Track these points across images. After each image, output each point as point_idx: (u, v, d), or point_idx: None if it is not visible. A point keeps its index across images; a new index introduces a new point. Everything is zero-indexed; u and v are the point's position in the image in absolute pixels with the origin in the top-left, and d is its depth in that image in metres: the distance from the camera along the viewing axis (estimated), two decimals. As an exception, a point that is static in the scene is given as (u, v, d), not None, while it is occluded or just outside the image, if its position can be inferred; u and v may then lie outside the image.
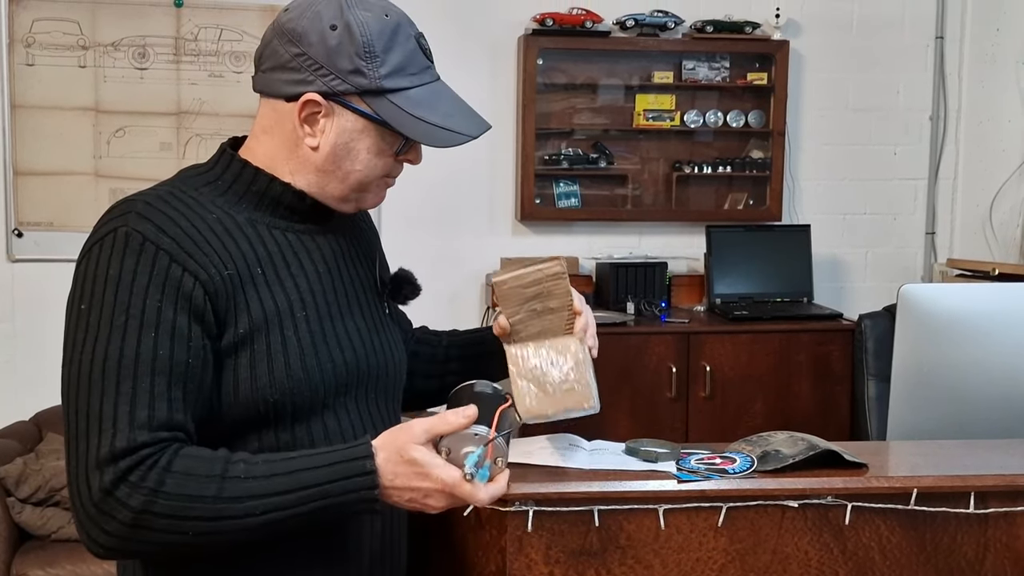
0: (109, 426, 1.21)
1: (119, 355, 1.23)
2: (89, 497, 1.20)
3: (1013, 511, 1.51)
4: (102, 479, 1.20)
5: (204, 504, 1.21)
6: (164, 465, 1.21)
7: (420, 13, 1.57)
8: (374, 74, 1.33)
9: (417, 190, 4.34)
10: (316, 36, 1.33)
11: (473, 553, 1.47)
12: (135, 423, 1.21)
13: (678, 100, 4.42)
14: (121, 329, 1.24)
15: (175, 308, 1.26)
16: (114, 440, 1.20)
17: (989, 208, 4.44)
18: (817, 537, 1.47)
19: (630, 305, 4.19)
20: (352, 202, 1.42)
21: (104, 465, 1.20)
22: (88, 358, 1.24)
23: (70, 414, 1.25)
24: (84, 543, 1.25)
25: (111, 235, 1.28)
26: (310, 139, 1.36)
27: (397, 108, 1.34)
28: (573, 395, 1.38)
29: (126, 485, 1.19)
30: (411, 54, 1.37)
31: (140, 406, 1.22)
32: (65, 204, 4.02)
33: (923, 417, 1.91)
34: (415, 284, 1.56)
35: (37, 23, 4.02)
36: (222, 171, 1.40)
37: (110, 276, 1.26)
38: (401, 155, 1.40)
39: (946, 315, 1.91)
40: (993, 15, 4.52)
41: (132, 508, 1.19)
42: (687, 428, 3.99)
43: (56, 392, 1.29)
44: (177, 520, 1.21)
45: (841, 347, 4.04)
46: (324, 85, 1.33)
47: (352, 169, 1.37)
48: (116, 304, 1.24)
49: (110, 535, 1.21)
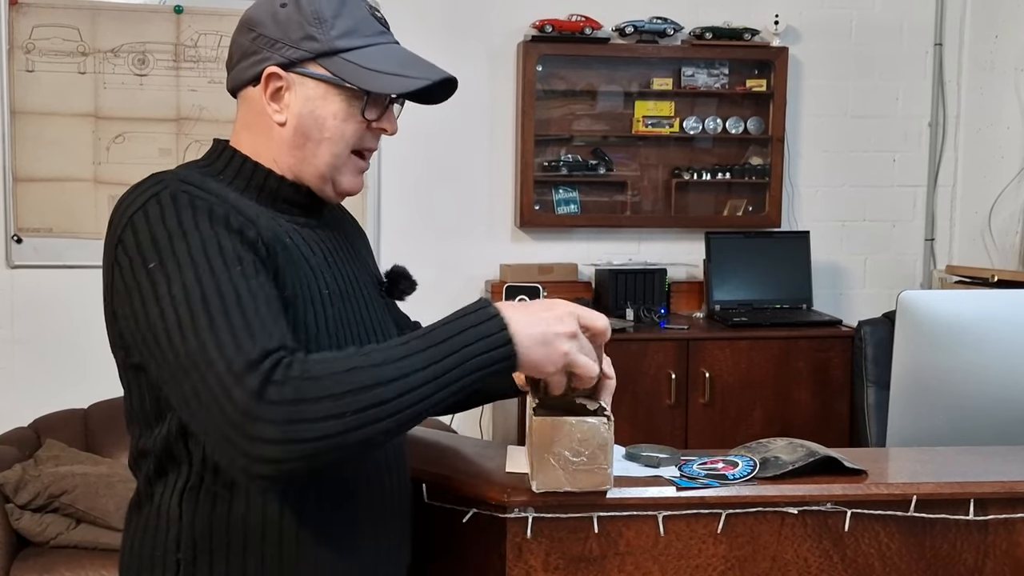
0: (232, 344, 1.16)
1: (216, 288, 1.19)
2: (238, 412, 1.14)
3: (1013, 518, 1.51)
4: (247, 386, 1.14)
5: (355, 374, 1.17)
6: (302, 359, 1.18)
7: (420, 20, 1.58)
8: (325, 36, 1.35)
9: (417, 196, 4.34)
10: (268, 16, 1.37)
11: (473, 559, 1.47)
12: (257, 336, 1.17)
13: (677, 107, 4.43)
14: (207, 266, 1.20)
15: (249, 250, 1.24)
16: (245, 351, 1.16)
17: (988, 215, 4.44)
18: (816, 544, 1.47)
19: (629, 312, 4.19)
20: (329, 183, 1.41)
21: (245, 375, 1.15)
22: (182, 300, 1.19)
23: (180, 358, 1.18)
24: (245, 474, 1.18)
25: (153, 200, 1.25)
26: (278, 115, 1.38)
27: (352, 64, 1.36)
28: (592, 477, 1.38)
29: (272, 385, 1.14)
30: (362, 19, 1.39)
31: (255, 325, 1.18)
32: (65, 210, 4.02)
33: (923, 424, 1.91)
34: (411, 279, 1.57)
35: (37, 29, 4.02)
36: (223, 165, 1.40)
37: (172, 229, 1.22)
38: (375, 123, 1.40)
39: (945, 322, 1.91)
40: (992, 22, 4.52)
41: (286, 401, 1.14)
42: (686, 435, 3.99)
43: (55, 399, 1.29)
44: (334, 400, 1.15)
45: (840, 354, 4.04)
46: (281, 57, 1.36)
47: (320, 138, 1.37)
48: (191, 248, 1.21)
49: (271, 442, 1.14)
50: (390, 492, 1.44)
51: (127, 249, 1.24)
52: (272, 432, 1.14)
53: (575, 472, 1.38)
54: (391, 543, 1.44)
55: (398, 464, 1.46)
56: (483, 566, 1.45)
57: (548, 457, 1.37)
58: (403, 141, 4.32)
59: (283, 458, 1.15)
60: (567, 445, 1.37)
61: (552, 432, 1.37)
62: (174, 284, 1.20)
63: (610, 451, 1.39)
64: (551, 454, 1.37)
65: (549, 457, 1.37)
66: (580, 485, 1.39)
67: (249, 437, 1.14)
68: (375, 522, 1.42)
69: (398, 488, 1.46)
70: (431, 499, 1.52)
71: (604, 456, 1.38)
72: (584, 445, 1.37)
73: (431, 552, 1.56)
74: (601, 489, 1.40)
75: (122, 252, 1.25)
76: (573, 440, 1.37)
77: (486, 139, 4.41)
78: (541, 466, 1.38)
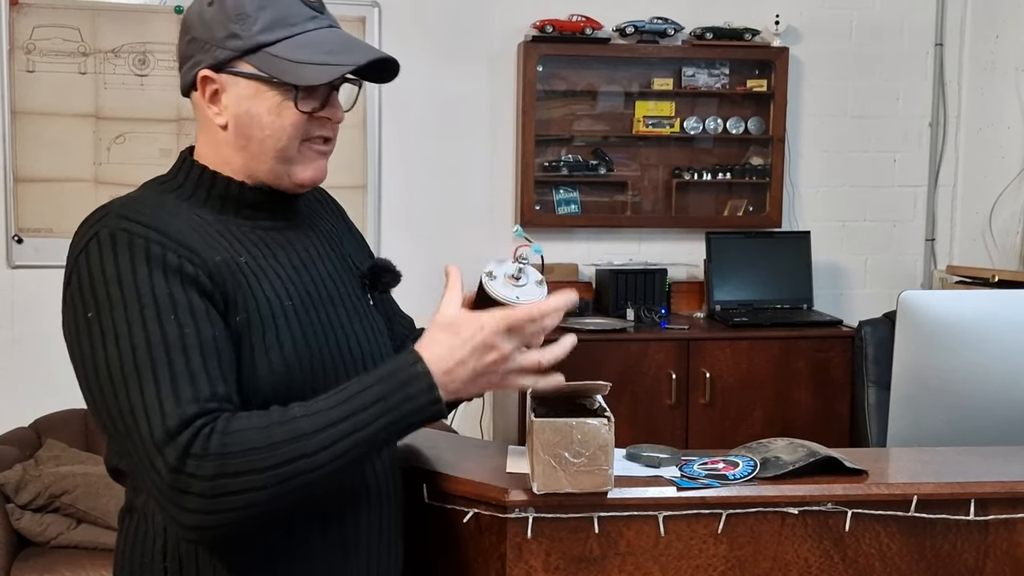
0: (156, 410, 1.19)
1: (146, 344, 1.21)
2: (162, 482, 1.18)
3: (1013, 518, 1.51)
4: (166, 460, 1.17)
5: (274, 451, 1.19)
6: (222, 429, 1.19)
7: (421, 20, 1.57)
8: (248, 32, 1.33)
9: (417, 196, 4.34)
10: (197, 18, 1.37)
11: (473, 560, 1.47)
12: (181, 400, 1.19)
13: (678, 107, 4.43)
14: (139, 319, 1.22)
15: (184, 289, 1.25)
16: (165, 420, 1.18)
17: (989, 215, 4.44)
18: (817, 544, 1.47)
19: (630, 312, 4.19)
20: (285, 178, 1.39)
21: (164, 446, 1.18)
22: (115, 357, 1.21)
23: (114, 417, 1.22)
24: (180, 533, 1.25)
25: (94, 240, 1.27)
26: (219, 118, 1.37)
27: (276, 58, 1.33)
28: (593, 478, 1.39)
29: (192, 458, 1.17)
30: (288, 7, 1.36)
31: (182, 384, 1.20)
32: (65, 210, 4.02)
33: (923, 424, 1.91)
34: (394, 272, 1.55)
35: (38, 30, 4.02)
36: (184, 178, 1.40)
37: (109, 276, 1.24)
38: (318, 112, 1.37)
39: (946, 322, 1.91)
40: (992, 22, 4.52)
41: (206, 477, 1.17)
42: (687, 435, 3.99)
43: (56, 399, 1.29)
44: (253, 475, 1.18)
45: (841, 354, 4.04)
46: (211, 58, 1.35)
47: (262, 136, 1.36)
48: (125, 298, 1.22)
49: (194, 512, 1.18)
50: (380, 498, 1.43)
51: (72, 292, 1.27)
52: (194, 503, 1.18)
53: (576, 473, 1.38)
54: (381, 548, 1.44)
55: (387, 469, 1.45)
56: (483, 566, 1.45)
57: (549, 458, 1.37)
58: (403, 141, 4.34)
59: (207, 525, 1.20)
60: (567, 446, 1.37)
61: (553, 433, 1.37)
62: (108, 339, 1.22)
63: (611, 452, 1.39)
64: (552, 455, 1.37)
65: (550, 458, 1.37)
66: (581, 486, 1.39)
67: (174, 504, 1.19)
68: (365, 528, 1.41)
69: (388, 493, 1.45)
70: (431, 499, 1.52)
71: (605, 457, 1.38)
72: (585, 446, 1.37)
73: (431, 552, 1.55)
74: (602, 490, 1.40)
75: (68, 294, 1.28)
76: (574, 441, 1.37)
77: (486, 139, 4.40)
78: (542, 467, 1.38)
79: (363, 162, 4.26)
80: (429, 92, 4.30)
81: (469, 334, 1.27)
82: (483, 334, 1.26)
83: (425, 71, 4.28)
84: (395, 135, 4.31)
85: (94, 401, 1.25)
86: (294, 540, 1.34)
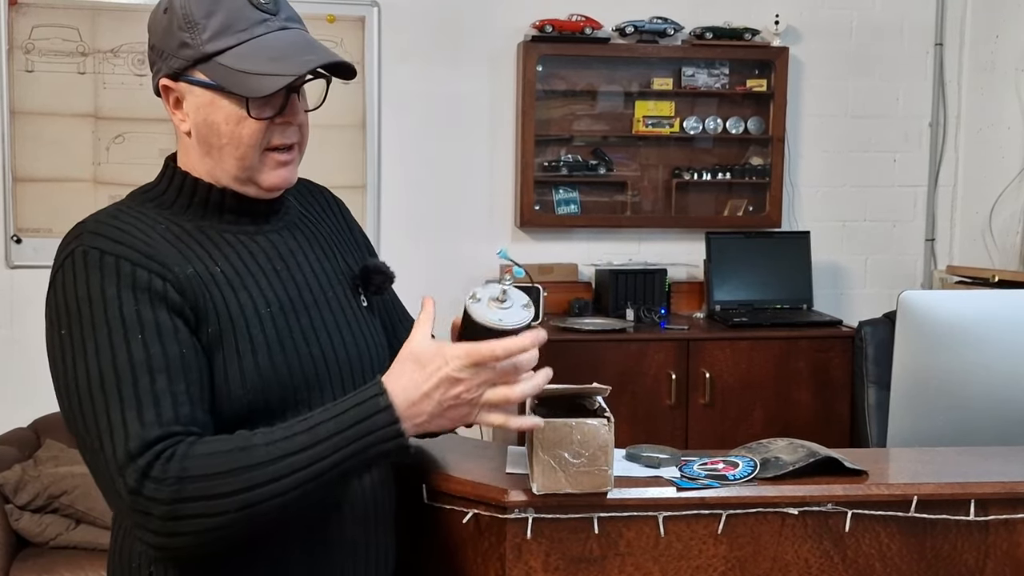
0: (120, 431, 1.21)
1: (112, 365, 1.23)
2: (123, 503, 1.21)
3: (1013, 519, 1.51)
4: (126, 482, 1.20)
5: (231, 478, 1.21)
6: (183, 453, 1.21)
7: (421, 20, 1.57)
8: (197, 41, 1.33)
9: (417, 196, 4.34)
10: (155, 24, 1.37)
11: (472, 561, 1.47)
12: (145, 422, 1.21)
13: (677, 107, 4.43)
14: (107, 340, 1.24)
15: (152, 308, 1.26)
16: (127, 442, 1.20)
17: (989, 215, 4.44)
18: (817, 544, 1.47)
19: (629, 312, 4.19)
20: (250, 184, 1.38)
21: (124, 468, 1.20)
22: (84, 376, 1.24)
23: (81, 434, 1.25)
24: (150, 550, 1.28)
25: (69, 259, 1.29)
26: (183, 125, 1.38)
27: (225, 68, 1.32)
28: (592, 478, 1.39)
29: (150, 481, 1.19)
30: (237, 12, 1.34)
31: (146, 406, 1.22)
32: (64, 210, 4.01)
33: (923, 424, 1.90)
34: (386, 272, 1.54)
35: (37, 29, 4.02)
36: (166, 186, 1.41)
37: (80, 296, 1.26)
38: (278, 118, 1.36)
39: (946, 322, 1.90)
40: (992, 22, 4.52)
41: (163, 500, 1.20)
42: (687, 435, 3.99)
43: (55, 400, 1.29)
44: (210, 501, 1.20)
45: (841, 354, 4.04)
46: (167, 67, 1.35)
47: (221, 144, 1.36)
48: (94, 318, 1.25)
49: (156, 533, 1.21)
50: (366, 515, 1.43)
51: (49, 309, 1.30)
52: (154, 524, 1.21)
53: (576, 473, 1.38)
54: (370, 550, 1.44)
55: (377, 485, 1.45)
56: (483, 567, 1.45)
57: (548, 459, 1.37)
58: (403, 141, 4.34)
59: (168, 546, 1.23)
60: (567, 447, 1.37)
61: (552, 434, 1.37)
62: (78, 358, 1.25)
63: (610, 452, 1.38)
64: (551, 456, 1.37)
65: (549, 459, 1.37)
66: (581, 486, 1.38)
67: (136, 524, 1.23)
68: (354, 532, 1.41)
69: (379, 511, 1.45)
70: (431, 500, 1.51)
71: (604, 457, 1.38)
72: (584, 447, 1.37)
73: (431, 553, 1.55)
74: (602, 490, 1.39)
75: (47, 310, 1.31)
76: (573, 442, 1.37)
77: (486, 139, 4.40)
78: (541, 468, 1.38)
79: (363, 162, 4.26)
80: (429, 92, 4.30)
81: (435, 367, 1.26)
82: (447, 368, 1.26)
83: (425, 71, 4.27)
84: (395, 135, 4.31)
85: (65, 416, 1.28)
86: (276, 552, 1.34)
